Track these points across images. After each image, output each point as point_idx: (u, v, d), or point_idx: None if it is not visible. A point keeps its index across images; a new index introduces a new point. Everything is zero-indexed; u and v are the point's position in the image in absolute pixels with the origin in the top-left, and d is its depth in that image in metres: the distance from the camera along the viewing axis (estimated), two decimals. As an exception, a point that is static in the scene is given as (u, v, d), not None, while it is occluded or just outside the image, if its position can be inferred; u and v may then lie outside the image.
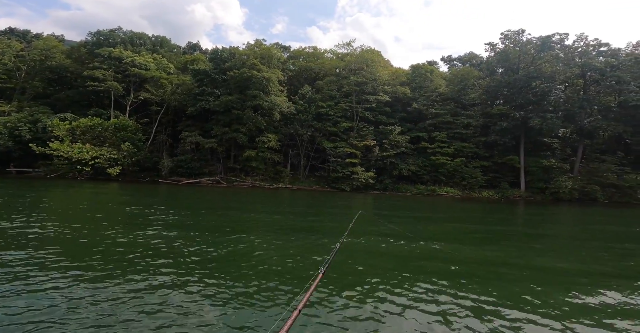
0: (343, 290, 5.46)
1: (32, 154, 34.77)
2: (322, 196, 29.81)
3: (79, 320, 4.16)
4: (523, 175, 39.21)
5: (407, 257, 8.15)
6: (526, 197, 37.79)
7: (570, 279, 6.91)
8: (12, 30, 56.39)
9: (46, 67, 43.61)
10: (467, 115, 41.28)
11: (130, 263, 6.50)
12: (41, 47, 44.01)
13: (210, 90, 36.04)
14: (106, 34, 45.47)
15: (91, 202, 16.78)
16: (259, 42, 39.99)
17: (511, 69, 40.02)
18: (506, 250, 9.76)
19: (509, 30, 39.14)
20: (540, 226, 16.12)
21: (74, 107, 41.00)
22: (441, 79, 44.77)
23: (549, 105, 39.42)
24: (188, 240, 8.52)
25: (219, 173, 35.60)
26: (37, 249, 7.08)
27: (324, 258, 6.56)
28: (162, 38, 50.35)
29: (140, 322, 4.18)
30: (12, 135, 35.58)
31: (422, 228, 13.16)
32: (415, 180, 39.24)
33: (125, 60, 39.67)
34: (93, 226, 9.94)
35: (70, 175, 34.50)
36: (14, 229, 8.90)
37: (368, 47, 42.11)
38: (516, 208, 29.31)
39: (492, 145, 39.89)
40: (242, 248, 8.09)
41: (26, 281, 5.28)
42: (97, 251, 7.27)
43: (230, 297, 5.02)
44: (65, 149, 33.79)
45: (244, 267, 6.62)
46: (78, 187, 25.69)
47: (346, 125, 38.37)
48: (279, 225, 12.18)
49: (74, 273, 5.76)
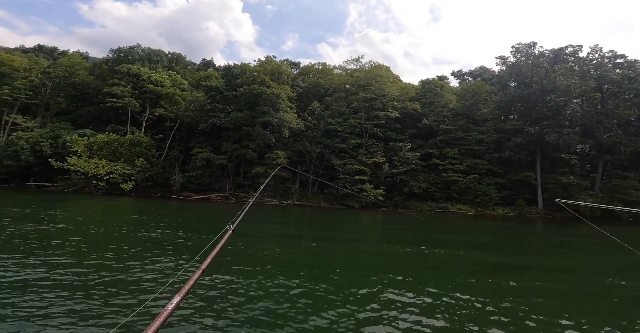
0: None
1: (51, 169, 36.06)
2: (330, 213, 29.54)
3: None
4: (540, 192, 37.90)
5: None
6: (544, 215, 36.44)
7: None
8: (40, 48, 58.99)
9: (70, 84, 45.48)
10: (479, 131, 40.54)
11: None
12: (66, 64, 45.90)
13: (222, 106, 36.83)
14: (126, 51, 47.55)
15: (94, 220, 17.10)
16: (269, 58, 40.89)
17: (524, 82, 39.28)
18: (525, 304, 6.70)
19: (520, 44, 38.69)
20: (560, 254, 15.14)
21: (94, 123, 42.52)
22: (452, 94, 44.34)
23: (565, 119, 38.36)
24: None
25: (228, 189, 35.93)
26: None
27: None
28: (177, 55, 52.24)
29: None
30: (33, 151, 37.08)
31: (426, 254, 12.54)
32: (427, 197, 38.46)
33: (143, 77, 41.17)
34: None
35: (86, 189, 35.54)
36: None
37: (377, 63, 42.34)
38: (534, 227, 28.27)
39: (506, 162, 38.84)
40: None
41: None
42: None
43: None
44: (82, 164, 34.95)
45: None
46: (86, 201, 26.31)
47: (355, 141, 38.25)
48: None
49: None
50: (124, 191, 34.98)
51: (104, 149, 37.59)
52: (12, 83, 42.45)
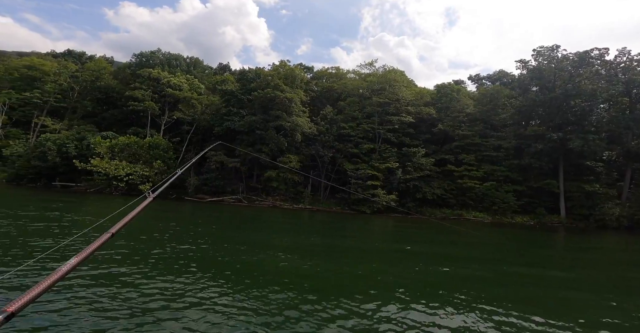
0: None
1: (75, 170, 37.77)
2: (341, 218, 29.40)
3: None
4: (563, 200, 36.57)
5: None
6: (567, 224, 35.22)
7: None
8: (70, 52, 61.57)
9: (96, 88, 47.37)
10: (497, 136, 39.37)
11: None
12: (92, 69, 47.91)
13: (236, 110, 37.48)
14: (147, 56, 49.24)
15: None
16: (283, 62, 41.30)
17: (546, 87, 37.80)
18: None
19: (542, 47, 37.30)
20: (580, 263, 14.38)
21: (117, 126, 44.13)
22: (469, 98, 43.26)
23: (591, 125, 36.70)
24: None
25: (241, 192, 36.44)
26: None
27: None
28: (195, 59, 53.62)
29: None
30: (60, 152, 38.92)
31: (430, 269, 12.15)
32: (441, 203, 37.65)
33: (162, 81, 42.48)
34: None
35: (107, 190, 36.97)
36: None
37: (391, 67, 41.94)
38: (554, 236, 27.24)
39: (526, 169, 37.58)
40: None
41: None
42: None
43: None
44: (104, 166, 36.43)
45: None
46: (105, 201, 27.34)
47: (368, 146, 37.95)
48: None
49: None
50: (142, 192, 36.12)
51: (125, 150, 38.99)
52: (42, 86, 44.92)
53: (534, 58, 38.38)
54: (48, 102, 45.14)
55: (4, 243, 9.54)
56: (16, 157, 39.16)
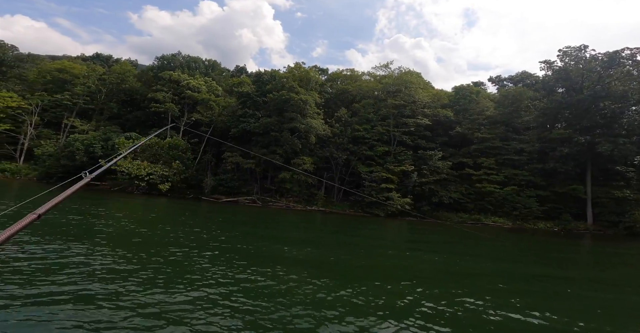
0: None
1: (101, 169, 39.56)
2: (354, 221, 29.17)
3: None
4: (590, 206, 35.08)
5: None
6: (594, 231, 33.82)
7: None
8: (98, 56, 64.07)
9: (121, 90, 49.28)
10: (519, 139, 37.97)
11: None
12: (118, 71, 49.66)
13: (252, 112, 37.99)
14: (168, 58, 50.76)
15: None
16: (298, 65, 41.47)
17: (573, 88, 36.11)
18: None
19: (569, 47, 35.63)
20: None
21: (140, 127, 45.71)
22: (489, 100, 41.90)
23: (621, 128, 34.80)
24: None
25: (255, 193, 36.91)
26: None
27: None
28: (213, 62, 54.76)
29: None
30: (87, 152, 40.86)
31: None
32: (458, 208, 36.69)
33: (182, 83, 43.74)
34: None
35: (129, 189, 38.44)
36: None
37: (407, 69, 41.20)
38: (581, 243, 26.14)
39: (551, 173, 36.12)
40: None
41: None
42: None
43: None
44: (126, 165, 37.92)
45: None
46: (131, 200, 28.40)
47: (383, 149, 37.50)
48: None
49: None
50: (161, 191, 37.36)
51: (146, 151, 40.46)
52: (72, 89, 47.28)
53: (559, 58, 36.78)
54: (77, 104, 47.41)
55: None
56: (47, 156, 41.36)
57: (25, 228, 1.60)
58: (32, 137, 44.96)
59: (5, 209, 9.61)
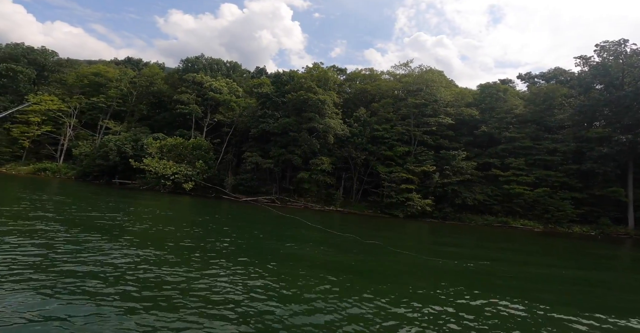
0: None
1: (131, 168, 41.63)
2: (371, 222, 28.68)
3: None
4: (632, 210, 32.74)
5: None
6: (635, 236, 31.69)
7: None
8: (129, 60, 67.23)
9: (150, 92, 51.63)
10: (552, 139, 35.73)
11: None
12: (147, 74, 51.87)
13: (271, 112, 38.39)
14: (193, 61, 52.44)
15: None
16: (316, 65, 41.38)
17: (613, 84, 33.49)
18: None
19: (607, 41, 32.96)
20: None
21: (167, 128, 47.69)
22: (517, 98, 39.69)
23: (668, 127, 31.75)
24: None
25: (274, 192, 37.30)
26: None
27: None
28: (234, 63, 55.91)
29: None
30: (119, 152, 43.18)
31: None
32: (483, 210, 35.11)
33: (205, 85, 45.10)
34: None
35: (156, 187, 40.17)
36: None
37: (428, 67, 39.74)
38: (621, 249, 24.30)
39: (587, 175, 33.88)
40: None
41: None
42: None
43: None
44: (154, 165, 39.65)
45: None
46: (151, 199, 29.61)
47: (403, 149, 36.54)
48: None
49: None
50: (185, 190, 38.72)
51: (172, 151, 42.10)
52: (106, 92, 50.15)
53: (597, 54, 34.29)
54: (111, 106, 50.20)
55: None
56: (84, 156, 44.10)
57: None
58: (70, 138, 48.07)
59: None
